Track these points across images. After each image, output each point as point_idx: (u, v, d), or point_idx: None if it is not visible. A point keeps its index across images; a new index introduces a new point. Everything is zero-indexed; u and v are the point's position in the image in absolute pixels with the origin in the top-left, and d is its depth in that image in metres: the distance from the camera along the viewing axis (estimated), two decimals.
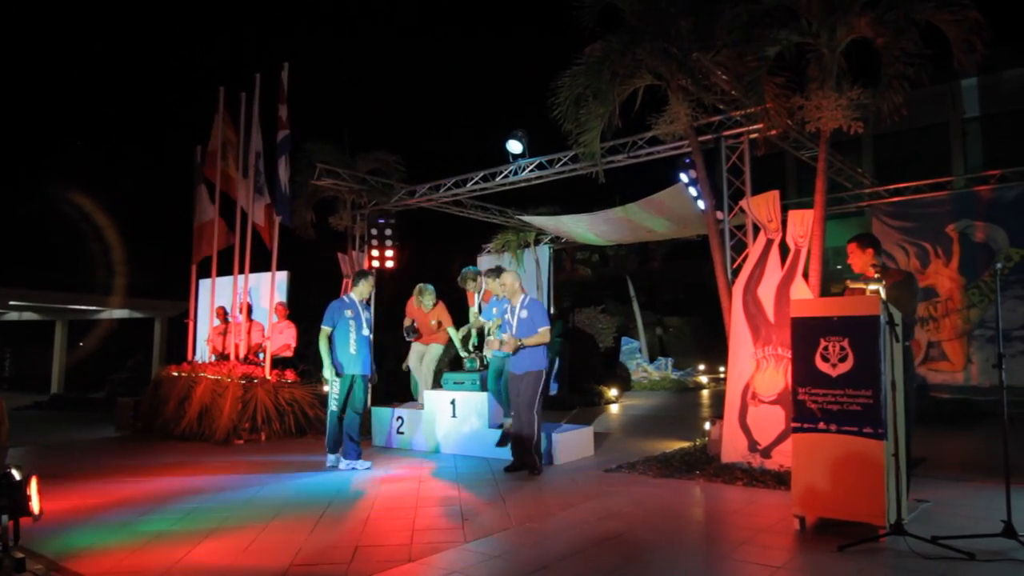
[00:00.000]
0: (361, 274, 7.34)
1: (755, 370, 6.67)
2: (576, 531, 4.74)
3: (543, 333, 6.62)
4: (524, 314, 6.72)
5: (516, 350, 6.59)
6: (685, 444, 7.94)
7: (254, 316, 11.20)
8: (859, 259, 5.27)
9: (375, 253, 11.23)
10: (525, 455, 6.64)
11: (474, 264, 13.02)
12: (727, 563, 4.09)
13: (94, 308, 22.49)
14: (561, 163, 9.67)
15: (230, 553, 4.34)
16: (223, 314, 11.08)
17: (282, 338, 10.50)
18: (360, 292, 7.20)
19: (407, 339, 8.66)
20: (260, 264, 11.05)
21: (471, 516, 5.10)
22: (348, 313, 7.00)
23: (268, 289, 10.72)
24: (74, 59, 40.89)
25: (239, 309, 10.78)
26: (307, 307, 11.85)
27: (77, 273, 21.83)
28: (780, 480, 5.82)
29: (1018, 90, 15.73)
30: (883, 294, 4.63)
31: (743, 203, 7.35)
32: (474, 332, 8.65)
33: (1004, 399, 4.33)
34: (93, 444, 9.45)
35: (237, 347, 10.44)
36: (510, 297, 6.89)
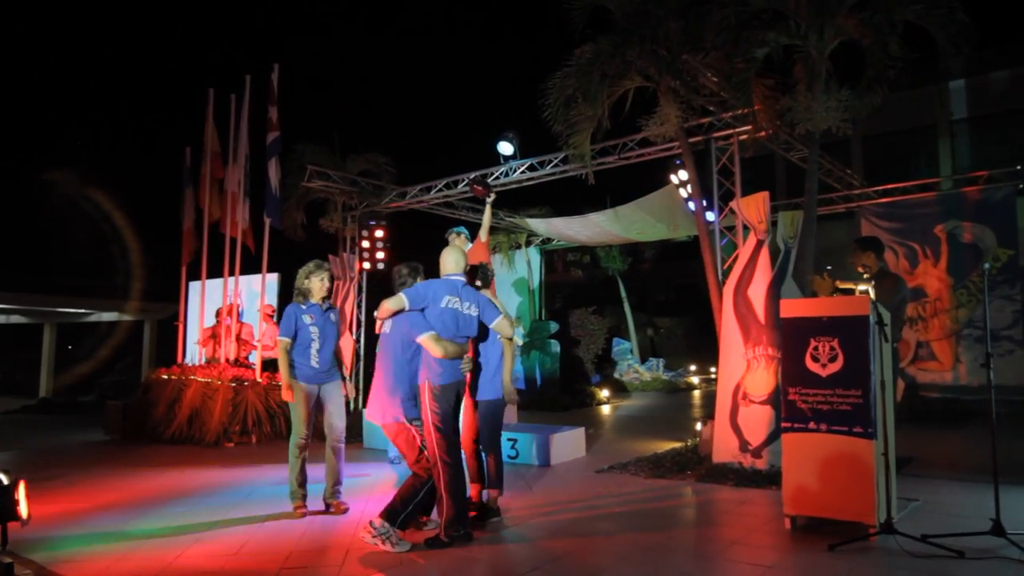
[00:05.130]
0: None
1: (746, 370, 6.69)
2: (568, 532, 4.75)
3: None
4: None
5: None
6: (676, 444, 7.96)
7: (245, 318, 11.16)
8: (857, 260, 5.38)
9: (366, 255, 11.21)
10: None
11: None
12: (718, 563, 4.10)
13: (83, 311, 22.36)
14: (552, 164, 9.68)
15: (221, 557, 4.32)
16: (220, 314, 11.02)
17: (264, 339, 10.48)
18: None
19: None
20: (251, 266, 11.01)
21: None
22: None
23: (259, 291, 10.69)
24: (64, 61, 40.66)
25: (226, 312, 10.73)
26: None
27: (66, 276, 21.69)
28: (771, 480, 5.84)
29: (1005, 92, 15.85)
30: (872, 294, 4.66)
31: (733, 204, 7.38)
32: None
33: (992, 398, 4.36)
34: (82, 448, 9.38)
35: (227, 348, 10.41)
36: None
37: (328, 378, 5.44)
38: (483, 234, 7.09)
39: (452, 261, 4.80)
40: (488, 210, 7.12)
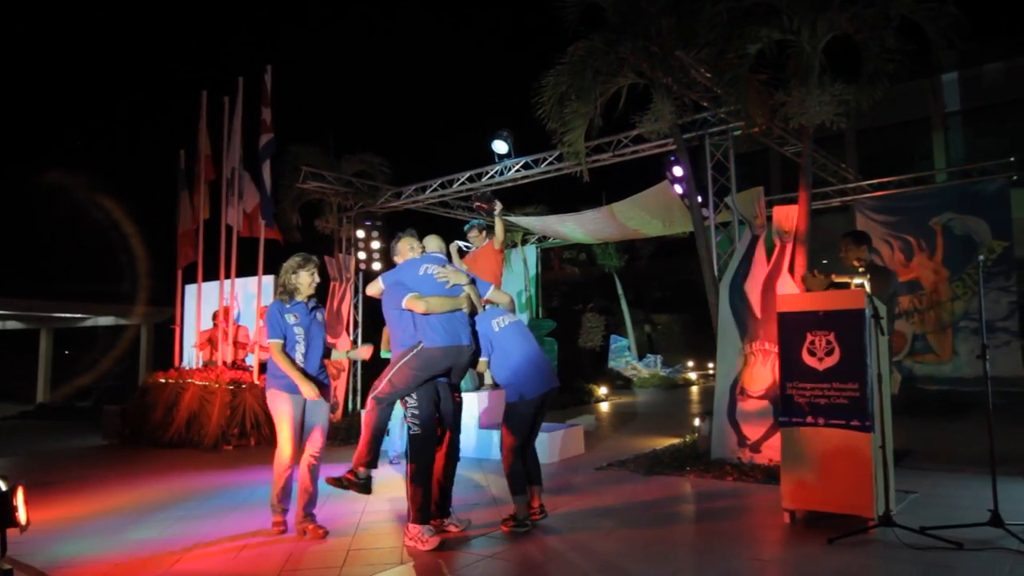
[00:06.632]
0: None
1: (743, 366, 6.70)
2: (568, 529, 4.75)
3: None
4: None
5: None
6: (675, 440, 7.96)
7: (241, 321, 11.14)
8: (851, 254, 5.37)
9: (362, 256, 11.21)
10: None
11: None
12: (718, 558, 4.11)
13: (79, 316, 22.31)
14: (547, 163, 9.67)
15: (220, 560, 4.32)
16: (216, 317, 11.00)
17: (263, 340, 10.48)
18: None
19: None
20: (247, 269, 10.99)
21: (463, 516, 5.08)
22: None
23: (255, 294, 10.67)
24: (59, 65, 40.54)
25: (222, 314, 10.71)
26: None
27: (62, 280, 21.65)
28: (770, 474, 5.85)
29: (998, 84, 15.89)
30: (867, 288, 4.67)
31: (728, 200, 7.39)
32: None
33: (989, 390, 4.37)
34: (80, 453, 9.36)
35: (224, 351, 10.40)
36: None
37: (316, 384, 4.85)
38: (496, 243, 7.23)
39: (434, 243, 4.89)
40: (499, 223, 7.17)
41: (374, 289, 4.73)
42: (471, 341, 4.63)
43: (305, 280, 4.93)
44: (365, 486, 4.61)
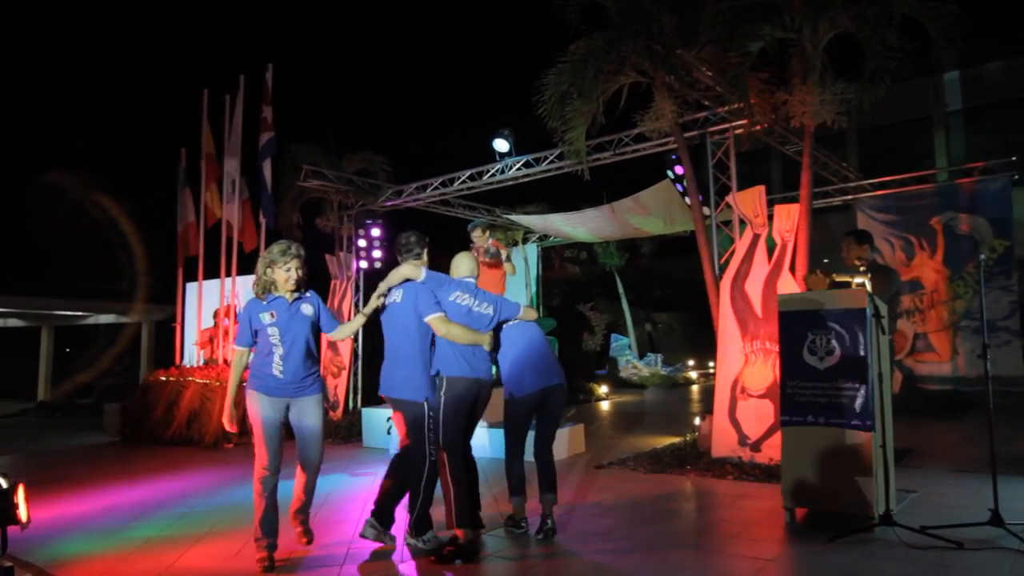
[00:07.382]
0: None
1: (744, 364, 6.70)
2: (568, 527, 4.75)
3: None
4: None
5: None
6: (675, 439, 7.97)
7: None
8: (853, 253, 5.37)
9: (363, 254, 11.21)
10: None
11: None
12: (719, 557, 4.11)
13: (80, 314, 22.32)
14: (548, 161, 9.67)
15: (220, 557, 4.32)
16: (217, 315, 11.02)
17: None
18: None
19: None
20: (248, 267, 11.00)
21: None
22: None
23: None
24: (58, 65, 40.55)
25: (223, 313, 10.72)
26: None
27: (62, 278, 21.65)
28: (770, 473, 5.85)
29: (999, 82, 15.88)
30: (869, 287, 4.67)
31: (729, 198, 7.39)
32: None
33: (989, 389, 4.37)
34: (81, 451, 9.37)
35: (225, 349, 10.40)
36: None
37: (299, 391, 4.18)
38: (508, 271, 7.57)
39: (466, 266, 4.66)
40: (509, 264, 7.46)
41: (411, 272, 4.39)
42: (491, 376, 4.53)
43: (280, 276, 4.19)
44: (471, 552, 4.18)
